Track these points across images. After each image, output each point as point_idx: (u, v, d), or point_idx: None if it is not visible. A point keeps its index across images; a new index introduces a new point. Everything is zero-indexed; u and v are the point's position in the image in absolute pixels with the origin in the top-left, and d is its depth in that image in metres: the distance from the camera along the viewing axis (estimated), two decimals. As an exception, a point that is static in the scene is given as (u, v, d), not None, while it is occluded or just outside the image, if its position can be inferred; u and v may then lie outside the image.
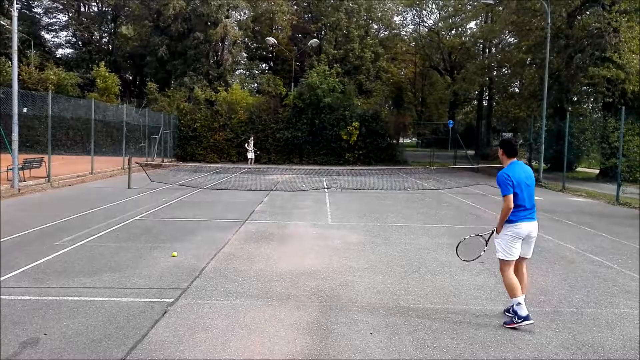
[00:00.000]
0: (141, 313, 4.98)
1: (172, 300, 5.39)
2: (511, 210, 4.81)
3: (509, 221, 4.87)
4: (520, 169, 4.91)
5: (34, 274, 6.25)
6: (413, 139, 70.89)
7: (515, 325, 4.77)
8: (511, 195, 4.77)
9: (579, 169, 28.13)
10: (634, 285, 6.37)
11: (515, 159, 5.01)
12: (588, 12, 25.09)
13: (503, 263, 4.95)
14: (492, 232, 5.17)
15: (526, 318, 4.75)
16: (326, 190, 16.81)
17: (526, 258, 5.08)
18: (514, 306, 4.84)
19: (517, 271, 5.01)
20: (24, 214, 10.64)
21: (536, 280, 6.45)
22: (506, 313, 5.07)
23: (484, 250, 5.25)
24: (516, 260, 4.97)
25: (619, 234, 9.92)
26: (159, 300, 5.38)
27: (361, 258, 7.46)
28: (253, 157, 28.74)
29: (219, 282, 6.07)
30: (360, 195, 15.50)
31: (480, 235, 5.30)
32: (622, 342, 4.52)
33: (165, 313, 5.00)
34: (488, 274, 6.70)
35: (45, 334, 4.42)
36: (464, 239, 5.43)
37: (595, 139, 21.96)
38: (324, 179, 20.67)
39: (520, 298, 4.81)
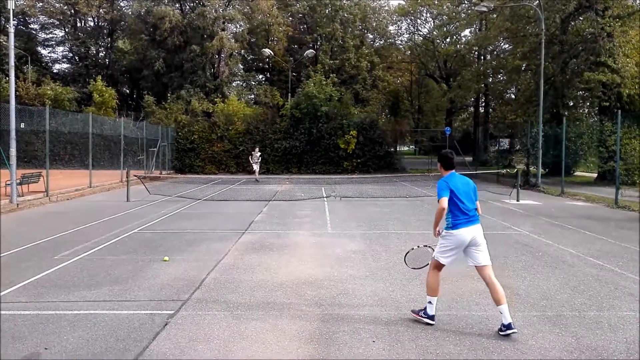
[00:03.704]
0: (142, 325, 4.95)
1: (172, 312, 5.36)
2: (444, 211, 4.94)
3: (450, 227, 4.99)
4: (458, 179, 5.11)
5: (33, 288, 6.22)
6: (411, 146, 70.99)
7: (418, 317, 5.03)
8: (446, 198, 4.92)
9: (577, 173, 28.17)
10: (636, 287, 6.36)
11: (453, 171, 5.17)
12: (582, 18, 25.28)
13: (434, 261, 5.12)
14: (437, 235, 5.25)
15: (431, 318, 4.97)
16: (325, 199, 16.80)
17: (487, 266, 4.95)
18: (427, 303, 5.02)
19: (486, 281, 4.95)
20: (22, 229, 10.61)
21: (538, 285, 6.44)
22: (412, 312, 5.21)
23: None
24: (476, 270, 5.03)
25: (618, 237, 9.91)
26: (159, 312, 5.35)
27: (362, 266, 7.44)
28: (258, 169, 25.76)
29: (220, 293, 6.05)
30: (360, 204, 15.50)
31: (429, 247, 5.43)
32: (625, 345, 4.51)
33: (166, 325, 4.97)
34: (489, 280, 6.67)
35: (45, 349, 4.39)
36: (412, 249, 5.58)
37: (593, 143, 22.02)
38: (323, 188, 20.67)
39: (434, 299, 4.99)
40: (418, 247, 5.60)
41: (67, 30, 49.76)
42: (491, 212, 13.53)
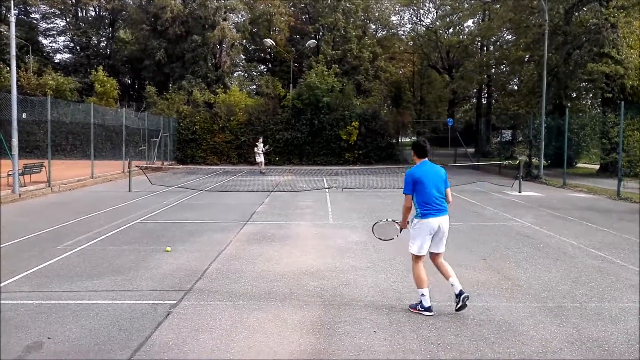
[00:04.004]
0: (144, 315, 4.97)
1: (175, 302, 5.38)
2: (409, 208, 5.20)
3: (420, 217, 5.12)
4: (428, 168, 5.21)
5: (36, 278, 6.24)
6: (412, 137, 70.83)
7: (416, 312, 5.07)
8: (409, 196, 5.16)
9: (579, 164, 28.12)
10: (637, 279, 6.36)
11: (425, 159, 5.29)
12: (585, 9, 25.09)
13: (415, 257, 5.19)
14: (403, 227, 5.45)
15: (428, 309, 5.03)
16: (327, 190, 16.80)
17: (441, 253, 5.23)
18: (420, 296, 5.07)
19: (436, 264, 5.25)
20: (24, 219, 10.63)
21: (539, 276, 6.44)
22: (410, 309, 5.21)
23: (397, 236, 5.58)
24: (429, 254, 5.23)
25: (620, 229, 9.91)
26: (161, 302, 5.38)
27: (363, 257, 7.45)
28: (263, 160, 24.61)
29: (222, 283, 6.07)
30: (361, 195, 15.50)
31: (396, 222, 5.61)
32: (626, 337, 4.52)
33: (168, 315, 4.99)
34: (490, 271, 6.69)
35: (48, 338, 4.41)
36: (381, 221, 5.79)
37: (595, 135, 21.94)
38: (324, 179, 20.67)
39: (425, 290, 5.05)
40: (386, 220, 5.78)
41: (68, 19, 49.59)
42: (493, 204, 13.53)
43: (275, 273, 6.55)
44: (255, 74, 47.83)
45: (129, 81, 52.62)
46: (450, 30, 49.70)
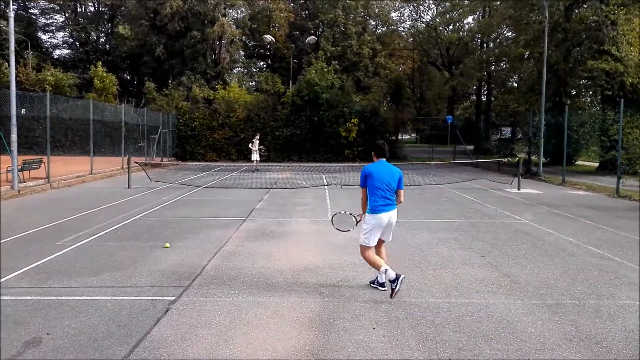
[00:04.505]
0: (143, 311, 4.98)
1: (174, 298, 5.39)
2: (366, 200, 5.62)
3: (371, 212, 5.54)
4: (383, 167, 5.61)
5: (35, 274, 6.25)
6: (412, 134, 70.87)
7: (381, 288, 5.62)
8: (365, 189, 5.62)
9: (578, 162, 28.13)
10: (635, 276, 6.38)
11: (383, 159, 5.69)
12: (585, 6, 25.03)
13: (362, 247, 5.61)
14: (361, 219, 5.85)
15: (382, 285, 5.64)
16: (326, 187, 16.80)
17: (384, 241, 5.78)
18: (383, 274, 5.42)
19: (377, 250, 5.75)
20: (24, 215, 10.63)
21: (538, 273, 6.46)
22: (371, 284, 5.84)
23: (353, 228, 6.03)
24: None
25: (619, 227, 9.93)
26: (160, 298, 5.38)
27: (362, 254, 7.45)
28: (258, 158, 24.05)
29: (221, 280, 6.07)
30: (360, 192, 15.47)
31: (353, 215, 6.08)
32: (624, 334, 4.53)
33: (167, 311, 5.00)
34: (489, 268, 6.70)
35: (47, 334, 4.42)
36: (339, 212, 6.38)
37: (595, 132, 21.94)
38: (324, 176, 20.66)
39: (383, 268, 5.40)
40: (344, 212, 6.34)
41: (67, 15, 49.46)
42: (492, 201, 13.54)
43: (274, 269, 6.55)
44: (254, 70, 47.77)
45: (128, 77, 52.54)
46: (450, 27, 49.69)
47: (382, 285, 5.66)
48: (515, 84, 38.88)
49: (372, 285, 5.81)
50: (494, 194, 15.15)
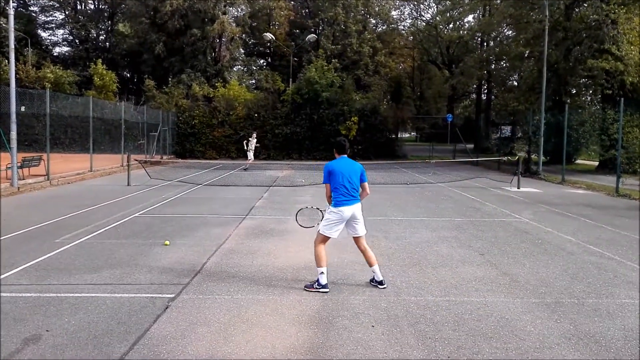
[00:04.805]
0: (143, 308, 4.98)
1: (173, 295, 5.39)
2: (329, 195, 5.80)
3: (334, 206, 5.69)
4: (344, 163, 5.80)
5: (34, 271, 6.24)
6: (412, 133, 70.88)
7: (313, 290, 5.51)
8: (328, 184, 5.79)
9: (578, 161, 28.13)
10: (635, 275, 6.38)
11: (345, 155, 5.88)
12: (586, 4, 25.02)
13: (320, 235, 5.72)
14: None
15: (325, 287, 5.55)
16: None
17: (362, 236, 5.82)
18: (319, 275, 5.54)
19: (360, 249, 5.85)
20: (23, 212, 10.63)
21: (537, 272, 6.46)
22: (371, 282, 5.87)
23: (318, 223, 5.99)
24: (353, 239, 5.87)
25: (619, 226, 9.93)
26: (160, 295, 5.38)
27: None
28: (252, 156, 23.74)
29: (220, 277, 6.08)
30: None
31: (320, 210, 6.17)
32: (623, 333, 4.53)
33: (166, 308, 5.00)
34: (488, 266, 6.71)
35: (47, 331, 4.42)
36: (305, 207, 6.55)
37: (595, 131, 21.94)
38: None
39: (324, 269, 5.54)
40: (311, 207, 6.51)
41: (67, 12, 49.42)
42: (492, 200, 13.54)
43: (273, 267, 6.56)
44: (254, 68, 47.74)
45: (128, 75, 52.52)
46: (451, 26, 49.64)
47: (324, 287, 5.55)
48: (516, 83, 38.89)
49: (371, 283, 5.82)
50: (494, 193, 15.15)
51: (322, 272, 5.54)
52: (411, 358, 4.00)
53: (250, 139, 23.60)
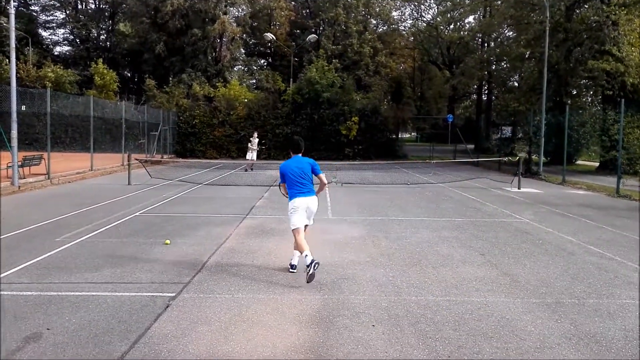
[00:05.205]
0: (143, 307, 4.98)
1: (174, 294, 5.39)
2: (285, 193, 6.42)
3: (290, 199, 6.22)
4: (296, 161, 6.37)
5: (35, 269, 6.25)
6: (412, 133, 70.92)
7: (310, 272, 5.61)
8: (284, 184, 6.37)
9: (578, 162, 28.13)
10: (635, 276, 6.38)
11: (299, 154, 6.48)
12: (587, 6, 25.02)
13: (293, 231, 6.17)
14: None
15: (293, 267, 6.32)
16: (326, 185, 16.77)
17: (307, 225, 6.37)
18: (304, 257, 5.80)
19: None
20: (24, 211, 10.63)
21: (538, 272, 6.46)
22: (290, 269, 6.37)
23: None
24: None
25: (619, 226, 9.93)
26: (161, 294, 5.39)
27: (362, 252, 7.47)
28: (254, 157, 22.74)
29: (221, 276, 6.08)
30: (360, 190, 15.50)
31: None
32: (623, 333, 4.53)
33: (167, 307, 5.00)
34: (489, 266, 6.71)
35: (48, 329, 4.42)
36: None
37: (595, 132, 21.94)
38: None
39: (307, 251, 5.84)
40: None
41: (68, 12, 49.46)
42: (492, 200, 13.54)
43: (274, 267, 6.56)
44: (255, 68, 47.76)
45: (129, 74, 52.54)
46: (451, 26, 49.65)
47: (292, 267, 6.31)
48: (516, 84, 38.91)
49: (308, 274, 5.68)
50: (494, 193, 15.15)
51: (307, 255, 5.75)
52: (412, 357, 4.00)
53: (252, 139, 22.89)
